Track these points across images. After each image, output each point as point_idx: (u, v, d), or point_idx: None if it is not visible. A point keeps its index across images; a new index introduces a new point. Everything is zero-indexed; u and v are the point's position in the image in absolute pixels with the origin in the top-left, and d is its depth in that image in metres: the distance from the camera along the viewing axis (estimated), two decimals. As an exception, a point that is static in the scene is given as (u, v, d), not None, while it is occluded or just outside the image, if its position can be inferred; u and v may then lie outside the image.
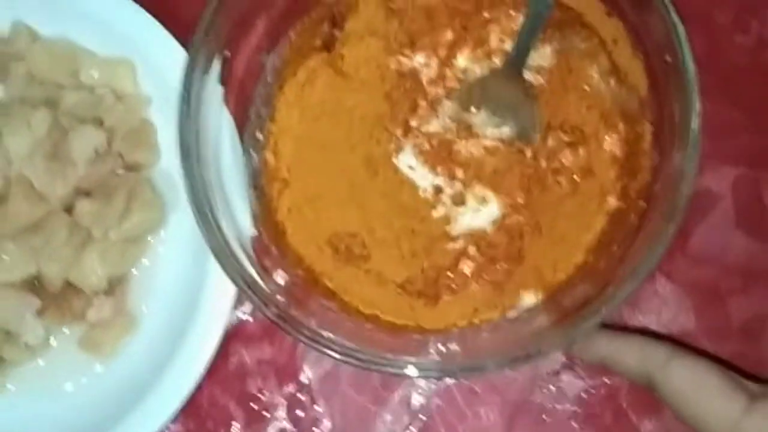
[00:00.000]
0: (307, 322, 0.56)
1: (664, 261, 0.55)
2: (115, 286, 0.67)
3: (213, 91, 0.60)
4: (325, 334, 0.56)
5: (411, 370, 0.54)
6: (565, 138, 0.64)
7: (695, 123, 0.54)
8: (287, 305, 0.57)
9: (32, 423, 0.67)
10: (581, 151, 0.64)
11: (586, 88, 0.64)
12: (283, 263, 0.63)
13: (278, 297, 0.58)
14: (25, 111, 0.65)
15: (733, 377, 0.57)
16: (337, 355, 0.55)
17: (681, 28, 0.55)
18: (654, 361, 0.57)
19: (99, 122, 0.68)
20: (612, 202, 0.63)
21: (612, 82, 0.63)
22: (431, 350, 0.60)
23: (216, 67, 0.60)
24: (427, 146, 0.64)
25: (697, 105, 0.54)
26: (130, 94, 0.69)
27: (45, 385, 0.67)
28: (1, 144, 0.65)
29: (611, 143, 0.63)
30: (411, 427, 0.68)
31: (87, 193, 0.65)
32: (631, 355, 0.59)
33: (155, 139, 0.69)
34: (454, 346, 0.60)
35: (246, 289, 0.56)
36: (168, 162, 0.69)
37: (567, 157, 0.64)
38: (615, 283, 0.55)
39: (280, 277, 0.61)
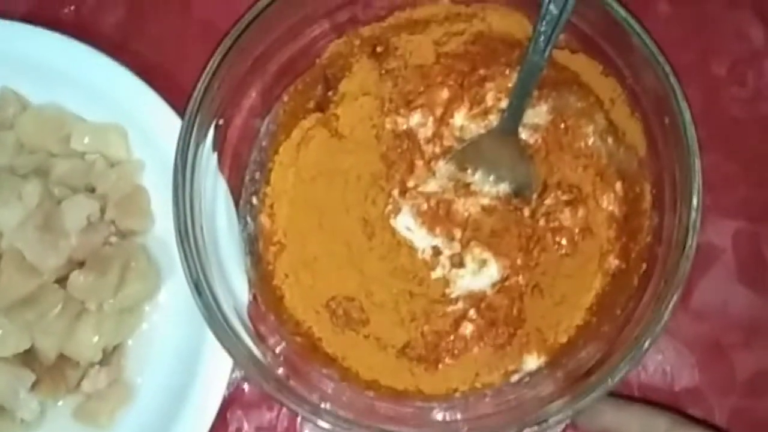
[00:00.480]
0: (308, 396, 0.56)
1: (667, 317, 0.54)
2: (110, 356, 0.66)
3: (208, 160, 0.60)
4: (324, 406, 0.56)
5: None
6: (563, 197, 0.63)
7: (697, 188, 0.54)
8: (286, 378, 0.57)
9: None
10: (580, 210, 0.63)
11: (583, 146, 0.64)
12: (280, 330, 0.62)
13: (278, 371, 0.57)
14: (15, 182, 0.64)
15: None
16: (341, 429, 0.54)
17: (680, 91, 0.55)
18: None
19: (91, 189, 0.67)
20: (612, 262, 0.62)
21: (610, 141, 0.63)
22: (434, 419, 0.59)
23: (210, 134, 0.59)
24: (425, 206, 0.64)
25: (698, 168, 0.54)
26: (122, 160, 0.68)
27: (42, 459, 0.66)
28: (-9, 216, 0.64)
29: (609, 202, 0.63)
30: (414, 494, 0.67)
31: (80, 263, 0.64)
32: (632, 427, 0.58)
33: (149, 205, 0.68)
34: (457, 415, 0.59)
35: (245, 364, 0.56)
36: (162, 227, 0.68)
37: (565, 217, 0.63)
38: (620, 349, 0.54)
39: (278, 344, 0.61)
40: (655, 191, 0.60)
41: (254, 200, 0.65)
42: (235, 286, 0.60)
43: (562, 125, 0.64)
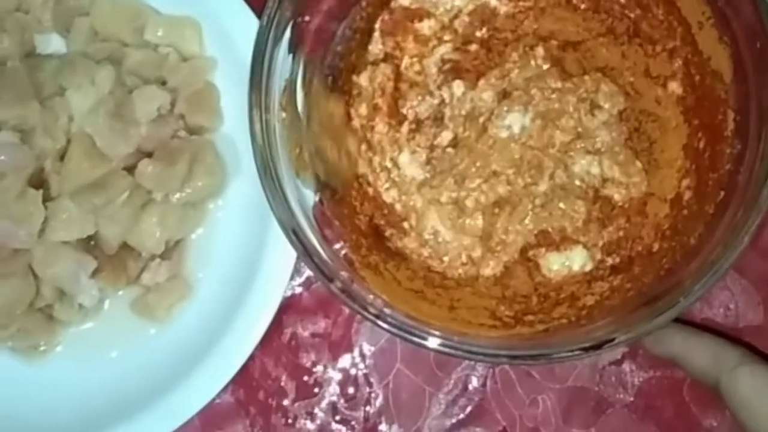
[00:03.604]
0: (372, 299, 0.55)
1: (735, 254, 0.53)
2: (171, 251, 0.66)
3: (283, 60, 0.58)
4: (389, 311, 0.55)
5: (480, 357, 0.53)
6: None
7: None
8: (351, 281, 0.56)
9: (81, 387, 0.66)
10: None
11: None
12: (344, 236, 0.61)
13: (342, 271, 0.56)
14: (89, 66, 0.63)
15: None
16: (406, 335, 0.53)
17: (775, 14, 0.53)
18: (724, 364, 0.56)
19: (162, 82, 0.66)
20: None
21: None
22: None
23: (287, 35, 0.58)
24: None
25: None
26: (195, 56, 0.67)
27: (96, 348, 0.66)
28: (63, 99, 0.63)
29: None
30: (466, 410, 0.66)
31: (148, 154, 0.64)
32: (701, 356, 0.57)
33: (219, 102, 0.67)
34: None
35: (308, 260, 0.55)
36: (230, 127, 0.67)
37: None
38: (691, 277, 0.53)
39: (342, 249, 0.60)
40: (738, 118, 0.58)
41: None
42: (302, 188, 0.60)
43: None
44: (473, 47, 0.64)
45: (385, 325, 0.54)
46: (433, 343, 0.53)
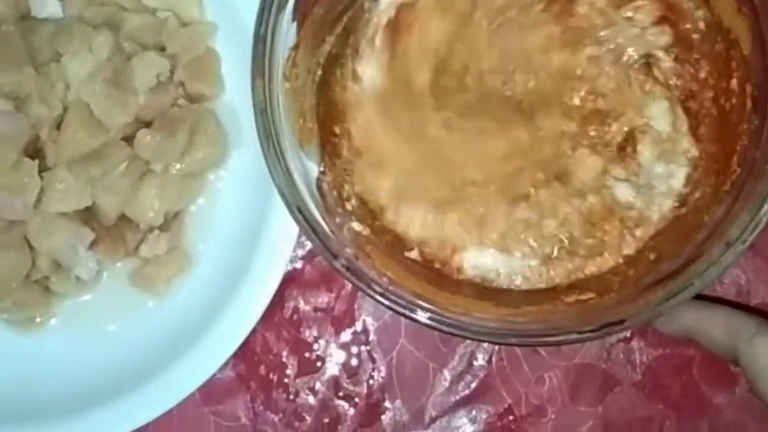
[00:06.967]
0: (378, 277, 0.54)
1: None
2: (171, 222, 0.65)
3: (287, 29, 0.56)
4: (395, 290, 0.53)
5: (490, 336, 0.51)
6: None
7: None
8: (355, 256, 0.54)
9: (77, 361, 0.65)
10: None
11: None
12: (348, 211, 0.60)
13: (346, 247, 0.55)
14: (86, 32, 0.61)
15: None
16: (417, 316, 0.52)
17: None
18: (741, 334, 0.54)
19: (161, 48, 0.64)
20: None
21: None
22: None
23: (291, 2, 0.56)
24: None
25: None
26: (194, 20, 0.65)
27: (93, 321, 0.65)
28: (59, 65, 0.61)
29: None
30: (471, 387, 0.65)
31: (147, 124, 0.62)
32: (717, 327, 0.56)
33: (220, 69, 0.65)
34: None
35: (315, 239, 0.53)
36: (232, 95, 0.65)
37: None
38: (707, 255, 0.52)
39: (344, 223, 0.58)
40: (756, 93, 0.56)
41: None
42: (306, 161, 0.58)
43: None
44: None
45: (388, 303, 0.52)
46: (424, 318, 0.52)
